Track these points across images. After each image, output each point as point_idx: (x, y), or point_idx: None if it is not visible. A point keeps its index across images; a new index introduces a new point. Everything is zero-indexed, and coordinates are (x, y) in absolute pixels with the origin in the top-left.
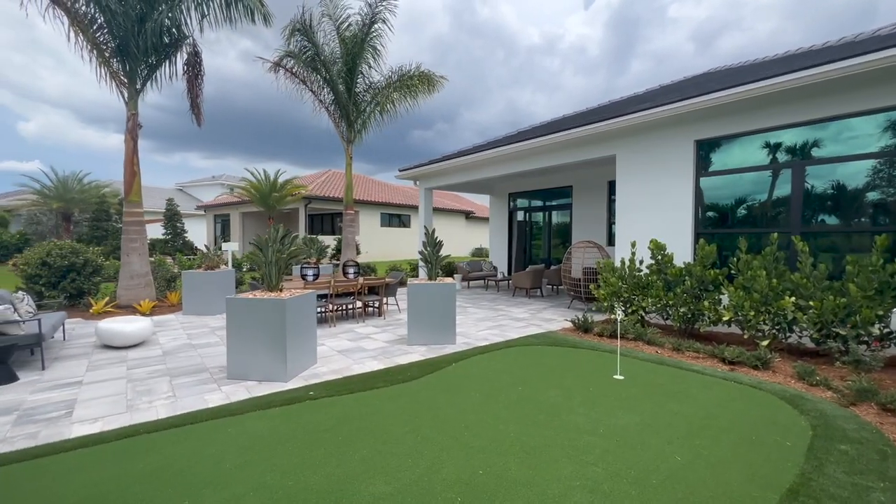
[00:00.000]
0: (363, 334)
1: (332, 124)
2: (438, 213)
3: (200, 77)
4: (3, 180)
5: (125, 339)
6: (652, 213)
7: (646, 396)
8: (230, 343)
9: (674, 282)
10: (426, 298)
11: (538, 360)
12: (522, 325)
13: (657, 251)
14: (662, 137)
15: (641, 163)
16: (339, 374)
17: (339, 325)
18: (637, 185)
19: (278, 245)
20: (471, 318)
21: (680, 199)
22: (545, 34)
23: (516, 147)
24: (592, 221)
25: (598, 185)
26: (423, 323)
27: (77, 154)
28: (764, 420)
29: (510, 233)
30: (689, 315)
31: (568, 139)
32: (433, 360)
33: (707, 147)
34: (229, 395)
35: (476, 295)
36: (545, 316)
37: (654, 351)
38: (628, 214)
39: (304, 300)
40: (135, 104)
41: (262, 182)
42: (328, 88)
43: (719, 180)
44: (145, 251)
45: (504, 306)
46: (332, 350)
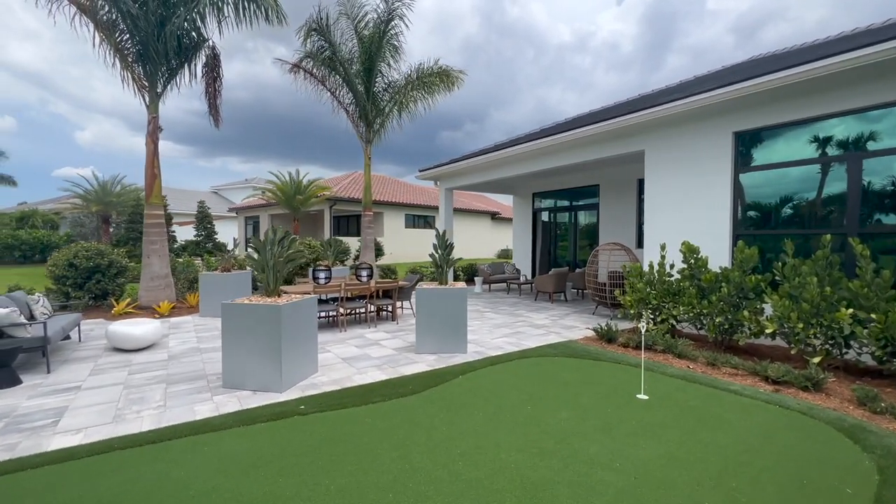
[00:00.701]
0: (372, 340)
1: (351, 125)
2: (464, 214)
3: (219, 79)
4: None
5: (133, 343)
6: (684, 213)
7: (673, 421)
8: (225, 351)
9: (708, 288)
10: (435, 304)
11: (553, 374)
12: (541, 332)
13: (689, 254)
14: (696, 130)
15: (672, 158)
16: (338, 384)
17: (350, 329)
18: (667, 183)
19: (276, 248)
20: (488, 323)
21: (716, 197)
22: (576, 31)
23: (538, 144)
24: (621, 222)
25: (626, 183)
26: (433, 330)
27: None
28: (816, 457)
29: (534, 234)
30: (726, 326)
31: (592, 134)
32: (439, 372)
33: (747, 140)
34: (219, 407)
35: (497, 299)
36: (567, 323)
37: (685, 365)
38: (658, 215)
39: (303, 306)
40: (155, 107)
41: (287, 184)
42: (346, 88)
43: (761, 176)
44: (165, 253)
45: (524, 311)
46: (337, 357)
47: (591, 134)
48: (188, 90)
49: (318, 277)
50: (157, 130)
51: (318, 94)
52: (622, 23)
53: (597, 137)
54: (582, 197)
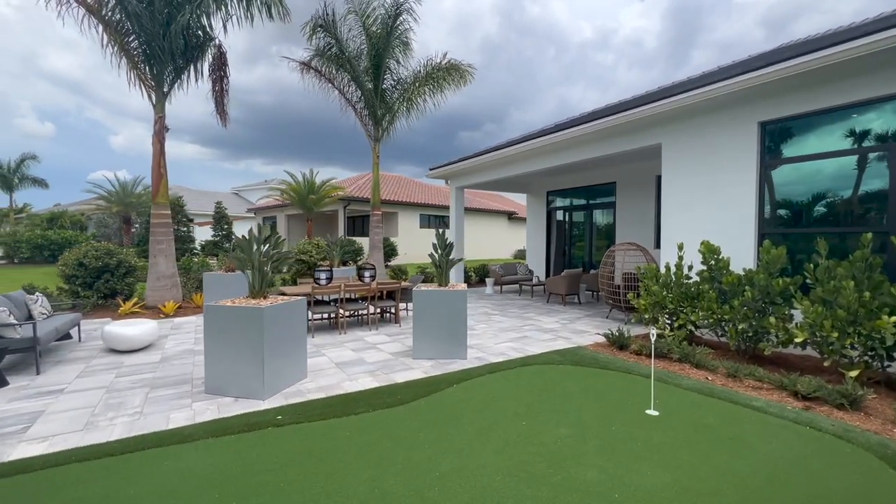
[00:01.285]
0: (370, 343)
1: (359, 123)
2: (480, 214)
3: (226, 79)
4: (86, 187)
5: (127, 344)
6: (704, 211)
7: (685, 443)
8: (207, 355)
9: (730, 292)
10: (434, 307)
11: (556, 385)
12: (549, 337)
13: (709, 255)
14: (718, 121)
15: (692, 152)
16: (326, 392)
17: (350, 332)
18: (686, 179)
19: (262, 248)
20: (494, 326)
21: (739, 193)
22: (598, 28)
23: (550, 139)
24: (638, 222)
25: (644, 180)
26: (431, 335)
27: None
28: (856, 492)
29: (548, 234)
30: (750, 333)
31: (606, 128)
32: (433, 380)
33: (775, 130)
34: (196, 415)
35: (507, 301)
36: (577, 327)
37: (702, 377)
38: (675, 212)
39: (290, 308)
40: (162, 107)
41: (301, 184)
42: (355, 85)
43: (790, 170)
44: (172, 253)
45: (534, 314)
46: (331, 362)
47: (605, 127)
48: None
49: (319, 278)
50: (164, 130)
51: (327, 93)
52: (645, 19)
53: (611, 131)
54: (598, 195)
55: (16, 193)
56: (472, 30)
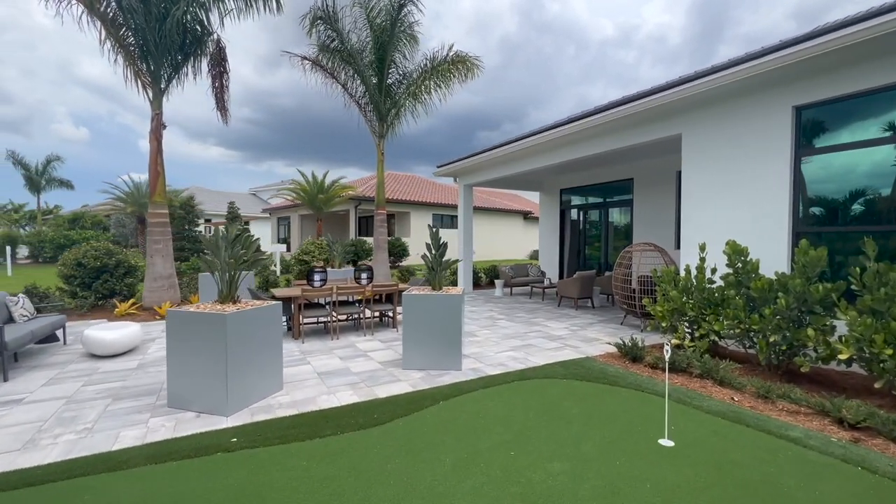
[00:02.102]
0: (361, 351)
1: (363, 119)
2: (494, 214)
3: (226, 74)
4: (102, 187)
5: (105, 348)
6: (728, 208)
7: (706, 487)
8: (170, 365)
9: (760, 299)
10: (425, 313)
11: (555, 405)
12: (555, 346)
13: (735, 256)
14: (746, 107)
15: (715, 142)
16: (298, 407)
17: (344, 337)
18: (709, 172)
19: (231, 249)
20: (497, 332)
21: (769, 187)
22: (619, 25)
23: (561, 131)
24: (657, 221)
25: (663, 176)
26: (422, 343)
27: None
28: None
29: (562, 234)
30: (784, 347)
31: (621, 117)
32: (419, 395)
33: (812, 116)
34: (147, 434)
35: (517, 304)
36: (588, 335)
37: (727, 397)
38: (696, 209)
39: (261, 314)
40: (159, 104)
41: (310, 184)
42: (358, 80)
43: (831, 160)
44: (169, 253)
45: (543, 319)
46: (313, 372)
47: (620, 117)
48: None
49: (313, 279)
50: (161, 127)
51: (331, 89)
52: (669, 14)
53: (626, 121)
54: (614, 193)
55: (43, 194)
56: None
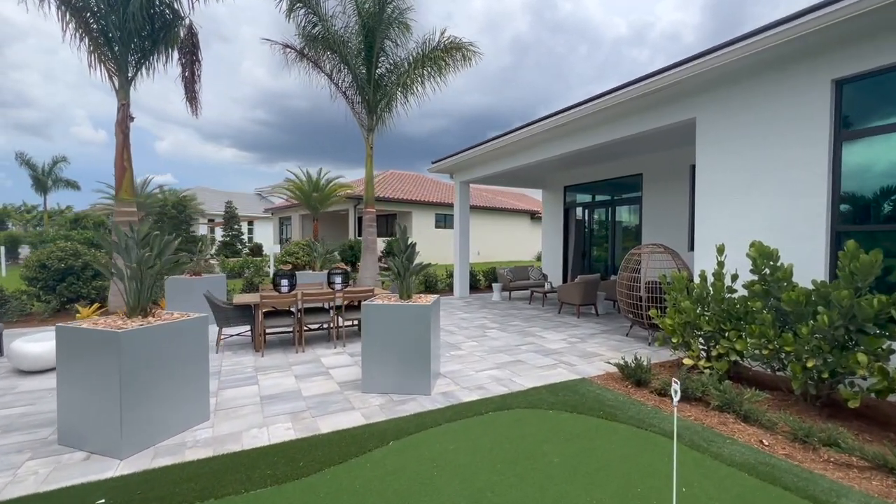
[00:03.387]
0: (324, 367)
1: (350, 111)
2: (500, 214)
3: (198, 62)
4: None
5: (30, 363)
6: (751, 203)
7: None
8: (59, 393)
9: (794, 313)
10: (389, 327)
11: (533, 451)
12: (548, 363)
13: (762, 260)
14: (773, 83)
15: (735, 126)
16: (214, 448)
17: (313, 349)
18: (728, 161)
19: (141, 251)
20: (485, 345)
21: (802, 178)
22: (633, 24)
23: (560, 119)
24: (668, 220)
25: (675, 171)
26: (385, 362)
27: (198, 166)
28: None
29: (566, 234)
30: (825, 374)
31: (627, 100)
32: (368, 432)
33: (858, 90)
34: (10, 484)
35: (513, 310)
36: (587, 348)
37: (755, 439)
38: (712, 206)
39: (178, 330)
40: (126, 93)
41: (305, 182)
42: (345, 69)
43: (883, 144)
44: None
45: (539, 329)
46: (256, 395)
47: (625, 100)
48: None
49: (280, 284)
50: (128, 119)
51: (315, 80)
52: (683, 11)
53: (632, 105)
54: (621, 190)
55: (50, 195)
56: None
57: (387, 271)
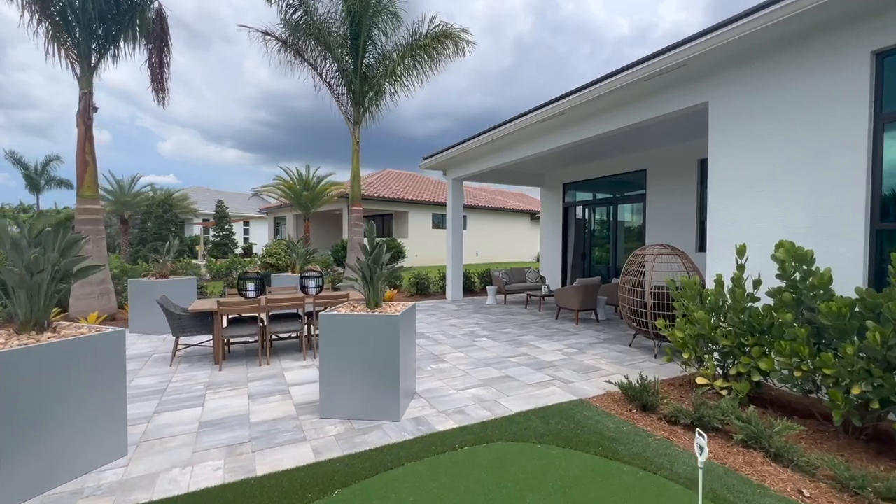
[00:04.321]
0: (286, 384)
1: (335, 104)
2: (499, 214)
3: (167, 48)
4: None
5: None
6: (774, 197)
7: None
8: None
9: (835, 328)
10: (350, 342)
11: (516, 499)
12: (540, 379)
13: (792, 264)
14: (799, 59)
15: (754, 110)
16: (115, 499)
17: (278, 361)
18: (746, 150)
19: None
20: (472, 356)
21: (837, 166)
22: (635, 24)
23: (558, 107)
24: (674, 219)
25: (682, 166)
26: (346, 383)
27: (201, 167)
28: None
29: (565, 234)
30: (875, 402)
31: (630, 83)
32: (312, 476)
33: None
34: None
35: (508, 315)
36: (585, 361)
37: (790, 487)
38: (728, 200)
39: (81, 350)
40: (88, 81)
41: (295, 180)
42: (329, 59)
43: None
44: (103, 255)
45: (534, 337)
46: (194, 421)
47: (629, 83)
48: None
49: (246, 289)
50: (90, 109)
51: (297, 70)
52: (686, 12)
53: (636, 90)
54: (624, 187)
55: (44, 194)
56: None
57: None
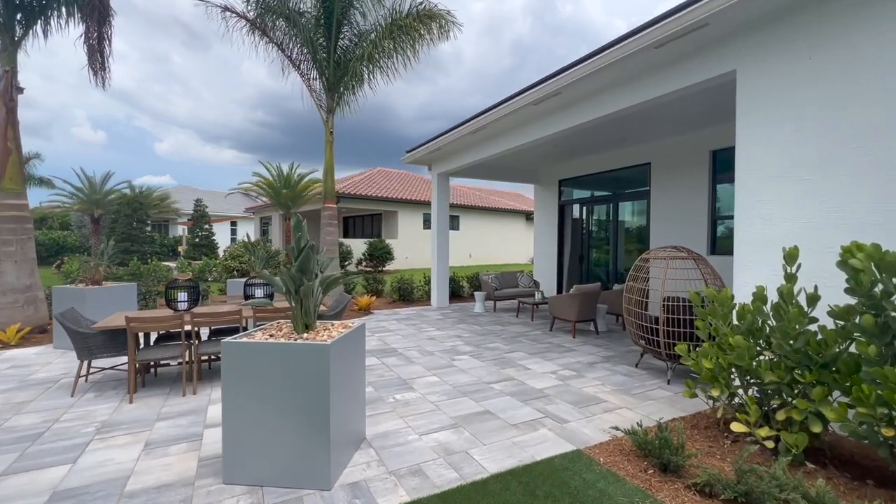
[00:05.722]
0: (205, 424)
1: (306, 89)
2: (493, 214)
3: (109, 21)
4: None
5: None
6: (824, 188)
7: None
8: None
9: None
10: (264, 379)
11: None
12: (529, 416)
13: (870, 276)
14: (864, 5)
15: (798, 78)
16: None
17: (212, 387)
18: (786, 130)
19: None
20: (449, 380)
21: None
22: (633, 25)
23: (552, 85)
24: (683, 217)
25: (692, 159)
26: (258, 435)
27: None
28: None
29: (561, 235)
30: None
31: (636, 51)
32: None
33: None
34: None
35: (497, 325)
36: (585, 388)
37: None
38: (763, 192)
39: None
40: (12, 58)
41: (275, 178)
42: (299, 39)
43: None
44: (28, 258)
45: (523, 354)
46: (47, 490)
47: (635, 51)
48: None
49: (176, 300)
50: (13, 89)
51: (262, 52)
52: None
53: (643, 61)
54: (626, 183)
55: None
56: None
57: (378, 272)
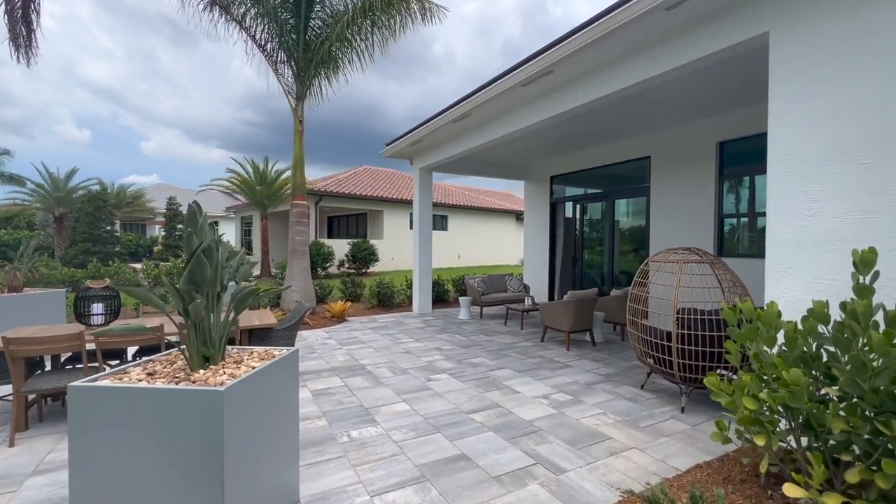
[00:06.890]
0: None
1: (272, 72)
2: (483, 214)
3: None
4: None
5: None
6: (887, 176)
7: None
8: None
9: None
10: (131, 440)
11: None
12: (515, 462)
13: None
14: None
15: (850, 42)
16: None
17: None
18: (833, 104)
19: None
20: (420, 408)
21: None
22: None
23: (539, 64)
24: (686, 216)
25: (697, 151)
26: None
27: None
28: None
29: (552, 235)
30: None
31: (642, 13)
32: None
33: None
34: None
35: (483, 334)
36: (583, 418)
37: None
38: (804, 181)
39: None
40: None
41: (250, 175)
42: (265, 16)
43: None
44: None
45: (511, 373)
46: None
47: (641, 13)
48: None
49: (88, 312)
50: None
51: (222, 30)
52: None
53: (650, 27)
54: (623, 179)
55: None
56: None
57: (360, 274)
